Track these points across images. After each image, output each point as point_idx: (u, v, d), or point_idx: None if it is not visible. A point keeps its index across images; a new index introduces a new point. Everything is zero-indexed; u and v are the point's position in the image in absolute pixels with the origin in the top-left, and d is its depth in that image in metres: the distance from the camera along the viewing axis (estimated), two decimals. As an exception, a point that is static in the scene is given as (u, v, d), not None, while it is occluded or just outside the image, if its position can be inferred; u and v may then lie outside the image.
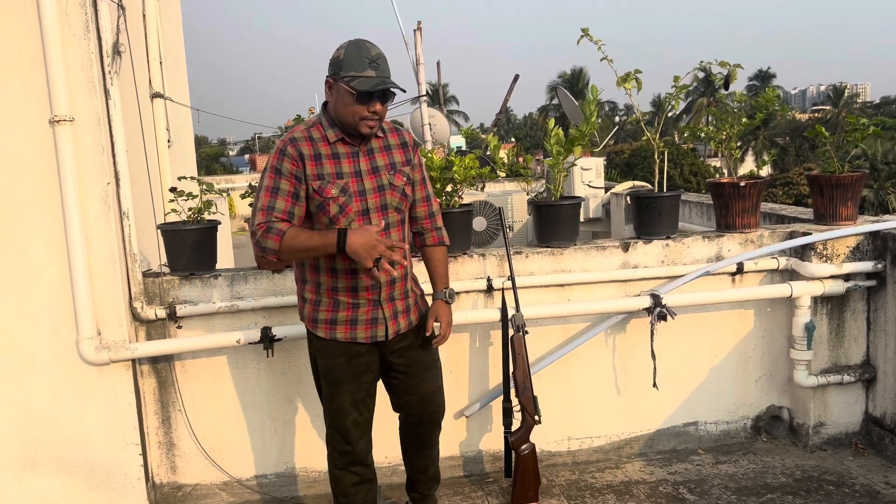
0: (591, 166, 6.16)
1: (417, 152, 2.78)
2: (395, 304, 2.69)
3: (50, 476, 3.21)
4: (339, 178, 2.54)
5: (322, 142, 2.56)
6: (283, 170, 2.52)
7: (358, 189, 2.56)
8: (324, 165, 2.54)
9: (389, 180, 2.62)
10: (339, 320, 2.64)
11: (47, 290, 3.10)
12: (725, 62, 3.81)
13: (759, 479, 3.43)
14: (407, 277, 2.73)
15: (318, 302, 2.67)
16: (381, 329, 2.67)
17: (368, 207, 2.57)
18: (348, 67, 2.46)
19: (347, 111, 2.50)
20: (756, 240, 3.74)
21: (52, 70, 2.95)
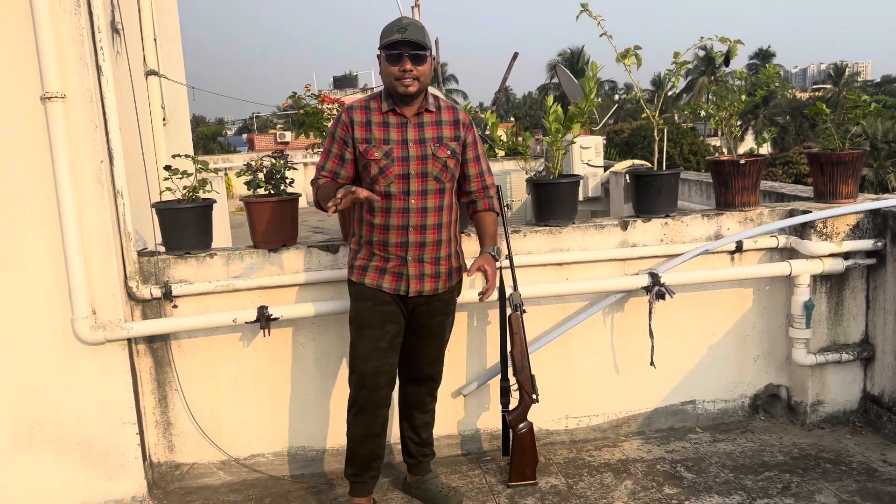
0: (591, 145, 6.11)
1: (472, 131, 2.99)
2: (423, 266, 2.89)
3: (47, 456, 3.21)
4: (386, 143, 2.82)
5: (377, 111, 2.86)
6: (335, 134, 2.89)
7: (402, 155, 2.82)
8: (373, 131, 2.84)
9: (434, 151, 2.85)
10: (370, 268, 2.90)
11: (41, 270, 3.08)
12: (726, 38, 3.76)
13: (756, 458, 3.44)
14: (441, 245, 2.92)
15: (357, 251, 2.94)
16: (404, 284, 2.88)
17: (409, 173, 2.82)
18: (382, 37, 2.77)
19: (385, 75, 2.79)
20: (755, 218, 3.71)
21: (42, 46, 2.90)
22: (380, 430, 3.00)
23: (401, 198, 2.82)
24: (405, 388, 3.17)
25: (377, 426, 2.99)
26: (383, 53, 2.77)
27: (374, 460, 3.04)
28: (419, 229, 2.85)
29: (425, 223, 2.85)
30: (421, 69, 2.76)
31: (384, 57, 2.77)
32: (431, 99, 2.91)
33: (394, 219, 2.83)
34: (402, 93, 2.78)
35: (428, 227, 2.86)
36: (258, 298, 3.36)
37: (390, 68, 2.75)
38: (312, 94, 3.70)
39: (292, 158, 3.62)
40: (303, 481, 3.45)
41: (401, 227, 2.84)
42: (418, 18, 9.35)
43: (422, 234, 2.86)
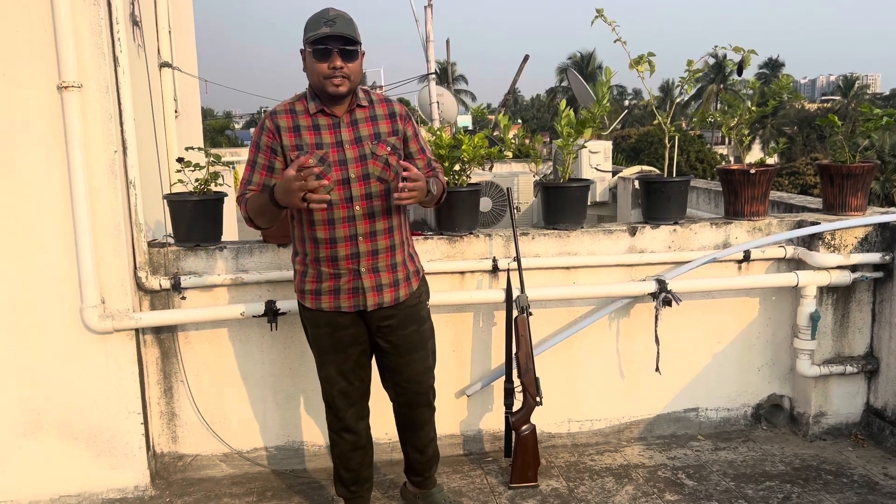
0: (600, 149, 6.11)
1: (410, 123, 2.76)
2: (378, 275, 2.67)
3: (53, 442, 3.23)
4: (319, 148, 2.57)
5: (304, 114, 2.60)
6: (260, 144, 2.62)
7: (338, 159, 2.58)
8: (303, 136, 2.58)
9: (372, 150, 2.61)
10: (324, 290, 2.67)
11: (52, 258, 3.10)
12: (739, 47, 3.77)
13: (758, 467, 3.44)
14: (395, 250, 2.70)
15: (304, 273, 2.71)
16: (362, 299, 2.66)
17: (350, 177, 2.58)
18: (307, 30, 2.52)
19: (311, 73, 2.54)
20: (764, 228, 3.72)
21: (61, 35, 2.93)
22: (365, 443, 2.90)
23: (343, 205, 2.57)
24: (401, 413, 2.95)
25: (363, 440, 2.88)
26: (309, 49, 2.51)
27: (363, 470, 2.93)
28: (369, 236, 2.61)
29: (375, 229, 2.61)
30: (351, 66, 2.52)
31: (310, 53, 2.51)
32: (362, 94, 2.66)
33: (339, 230, 2.58)
34: (332, 93, 2.52)
35: (378, 233, 2.62)
36: (266, 293, 3.38)
37: (318, 65, 2.50)
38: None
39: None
40: (304, 476, 3.47)
41: (349, 238, 2.59)
42: (431, 18, 9.36)
43: (372, 241, 2.62)
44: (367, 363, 2.84)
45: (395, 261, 2.71)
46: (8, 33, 2.94)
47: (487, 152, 3.60)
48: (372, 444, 2.96)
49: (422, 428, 2.96)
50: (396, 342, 2.76)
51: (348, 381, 2.78)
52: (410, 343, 2.78)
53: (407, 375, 2.82)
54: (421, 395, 2.88)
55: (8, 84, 2.97)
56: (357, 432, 2.86)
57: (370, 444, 2.94)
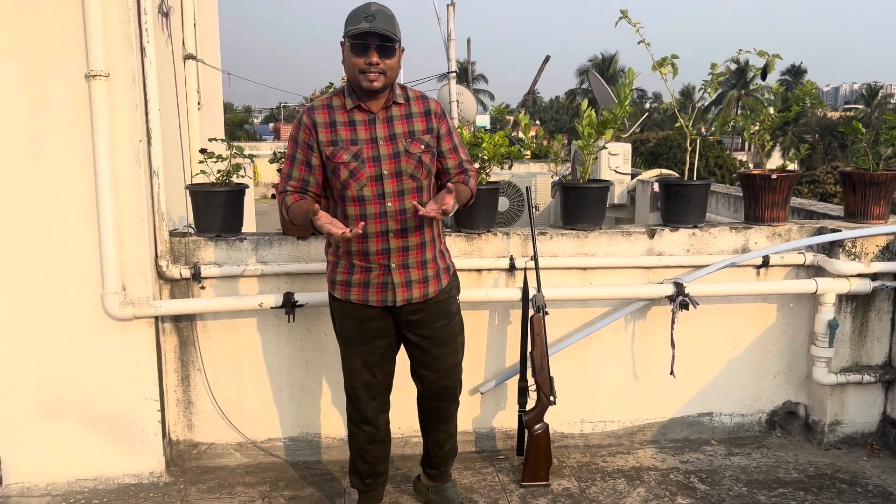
0: (619, 152, 6.11)
1: (445, 121, 2.77)
2: (408, 272, 2.69)
3: (71, 426, 3.27)
4: (354, 144, 2.60)
5: (340, 109, 2.63)
6: (298, 139, 2.65)
7: (372, 155, 2.59)
8: (338, 132, 2.61)
9: (406, 147, 2.62)
10: (354, 283, 2.70)
11: (75, 244, 3.14)
12: (764, 51, 3.75)
13: (771, 473, 3.43)
14: (425, 247, 2.71)
15: (336, 264, 2.74)
16: (390, 294, 2.68)
17: (382, 173, 2.59)
18: (347, 24, 2.53)
19: (349, 67, 2.56)
20: (784, 234, 3.70)
21: (90, 24, 2.96)
22: (384, 436, 2.92)
23: (376, 201, 2.59)
24: (427, 405, 2.96)
25: (381, 433, 2.91)
26: (348, 42, 2.52)
27: (379, 464, 2.95)
28: (400, 233, 2.63)
29: (406, 226, 2.63)
30: (389, 63, 2.53)
31: (348, 46, 2.52)
32: (399, 90, 2.68)
33: (371, 225, 2.60)
34: (367, 88, 2.54)
35: (409, 230, 2.64)
36: (284, 284, 3.40)
37: (355, 60, 2.51)
38: (345, 85, 3.72)
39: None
40: (317, 468, 3.49)
41: (380, 234, 2.61)
42: (453, 17, 9.38)
43: (403, 238, 2.64)
44: (392, 357, 2.85)
45: (426, 258, 2.72)
46: (39, 21, 2.98)
47: (507, 151, 3.60)
48: (390, 438, 2.97)
49: (444, 422, 2.97)
50: (426, 336, 2.78)
51: (372, 374, 2.80)
52: (440, 337, 2.80)
53: (436, 369, 2.83)
54: (449, 389, 2.89)
55: (38, 72, 3.01)
56: (377, 425, 2.87)
57: (388, 437, 2.96)
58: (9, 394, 3.20)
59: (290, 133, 2.70)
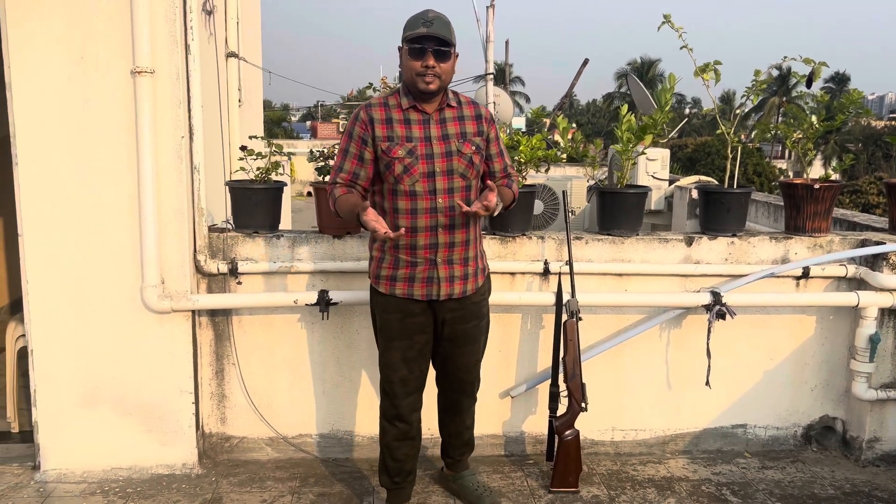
0: (658, 157, 6.03)
1: (493, 127, 2.90)
2: (452, 267, 2.80)
3: (107, 415, 3.33)
4: (409, 141, 2.71)
5: (396, 108, 2.75)
6: (353, 133, 2.75)
7: (426, 153, 2.71)
8: (394, 128, 2.72)
9: (458, 147, 2.75)
10: (399, 277, 2.79)
11: (117, 237, 3.20)
12: (810, 59, 3.68)
13: (806, 489, 3.36)
14: (469, 245, 2.82)
15: (382, 259, 2.82)
16: (435, 288, 2.79)
17: (434, 170, 2.71)
18: (406, 29, 2.66)
19: (406, 69, 2.68)
20: (825, 245, 3.63)
21: (137, 21, 3.02)
22: (415, 434, 2.99)
23: (427, 197, 2.70)
24: (444, 396, 3.10)
25: (413, 430, 2.97)
26: (406, 47, 2.65)
27: (408, 462, 3.00)
28: (448, 229, 2.74)
29: (454, 222, 2.74)
30: (444, 66, 2.66)
31: (406, 50, 2.65)
32: (451, 95, 2.82)
33: (421, 220, 2.71)
34: (423, 90, 2.66)
35: (457, 227, 2.76)
36: (319, 282, 3.43)
37: (412, 63, 2.64)
38: (389, 86, 3.74)
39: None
40: (347, 465, 3.51)
41: (429, 228, 2.72)
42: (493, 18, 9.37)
43: (451, 233, 2.75)
44: (429, 354, 2.94)
45: (469, 255, 2.83)
46: (87, 18, 3.05)
47: (544, 154, 3.59)
48: (420, 436, 3.04)
49: (460, 414, 3.11)
50: (457, 333, 2.90)
51: (409, 370, 2.87)
52: (468, 336, 2.93)
53: (457, 364, 2.97)
54: (466, 383, 3.04)
55: (85, 67, 3.07)
56: (410, 422, 2.95)
57: (419, 436, 3.03)
58: (49, 381, 3.28)
59: (346, 128, 2.81)
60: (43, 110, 3.08)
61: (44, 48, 3.04)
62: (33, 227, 3.16)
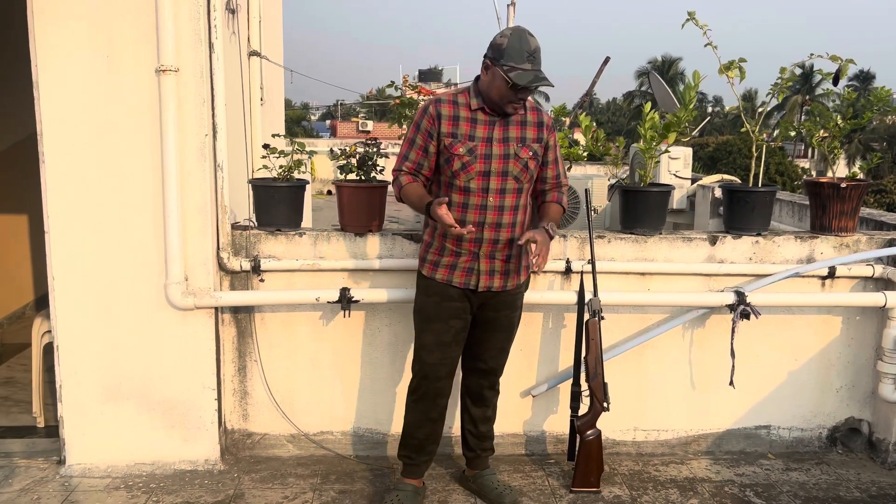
0: (680, 155, 5.96)
1: (553, 134, 2.99)
2: (493, 262, 2.92)
3: (131, 410, 3.36)
4: (471, 139, 2.82)
5: (465, 106, 2.85)
6: (421, 126, 2.87)
7: (485, 153, 2.82)
8: (460, 126, 2.83)
9: (516, 151, 2.85)
10: (442, 263, 2.93)
11: (141, 234, 3.22)
12: (836, 56, 3.63)
13: (831, 491, 3.32)
14: (513, 244, 2.92)
15: (430, 244, 2.97)
16: (474, 279, 2.91)
17: (490, 170, 2.83)
18: (508, 58, 2.69)
19: (499, 94, 2.76)
20: (852, 244, 3.58)
21: (161, 20, 3.04)
22: (437, 417, 3.08)
23: (479, 194, 2.84)
24: (467, 380, 3.19)
25: (435, 413, 3.07)
26: (502, 73, 2.69)
27: (428, 444, 3.11)
28: (494, 227, 2.86)
29: (500, 221, 2.86)
30: (528, 95, 2.81)
31: (503, 77, 2.69)
32: None
33: (470, 215, 2.84)
34: (508, 113, 2.81)
35: (503, 226, 2.87)
36: (341, 280, 3.43)
37: (506, 91, 2.72)
38: (410, 84, 3.74)
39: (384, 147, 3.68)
40: (367, 463, 3.52)
41: (476, 223, 2.85)
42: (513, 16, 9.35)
43: (496, 231, 2.87)
44: (462, 341, 3.03)
45: (511, 253, 2.93)
46: (113, 17, 3.07)
47: (566, 152, 3.57)
48: (444, 420, 3.13)
49: (482, 403, 3.18)
50: (488, 319, 3.01)
51: (443, 353, 2.97)
52: (499, 323, 3.04)
53: (485, 347, 3.08)
54: (490, 370, 3.12)
55: (111, 66, 3.10)
56: (436, 405, 3.05)
57: (442, 419, 3.12)
58: (73, 377, 3.31)
59: (413, 119, 2.93)
60: (69, 108, 3.11)
61: (70, 47, 3.07)
62: (59, 224, 3.20)
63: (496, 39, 2.75)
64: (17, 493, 3.16)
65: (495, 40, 2.76)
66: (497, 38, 2.75)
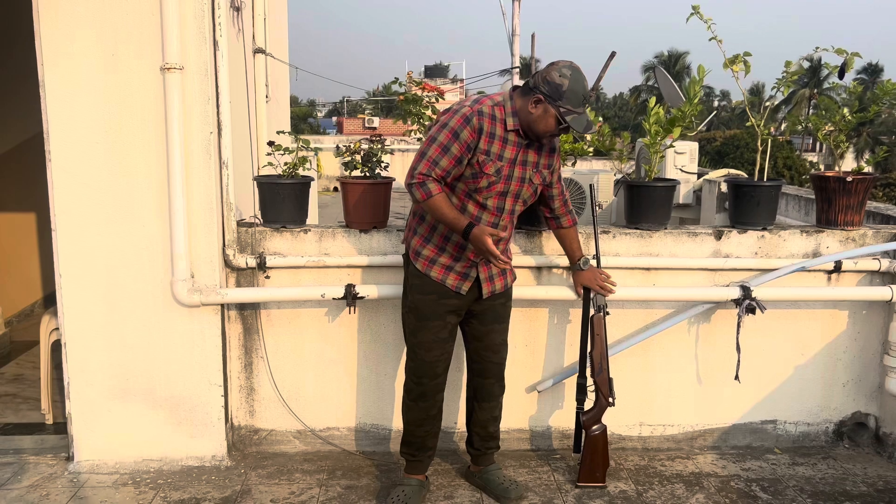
0: (686, 150, 5.97)
1: (558, 158, 3.07)
2: (490, 267, 2.97)
3: (138, 407, 3.38)
4: (500, 160, 2.82)
5: (500, 123, 2.81)
6: (461, 135, 2.75)
7: (508, 174, 2.85)
8: (493, 144, 2.80)
9: (531, 176, 2.92)
10: (439, 263, 2.93)
11: (147, 231, 3.24)
12: (842, 49, 3.61)
13: (837, 486, 3.32)
14: (507, 250, 3.02)
15: (427, 239, 2.94)
16: (466, 285, 2.94)
17: (508, 191, 2.88)
18: (567, 100, 2.72)
19: (546, 129, 2.79)
20: (858, 238, 3.57)
21: (166, 18, 3.05)
22: (437, 413, 3.11)
23: (494, 213, 2.89)
24: (474, 382, 3.19)
25: (434, 409, 3.09)
26: (554, 110, 2.72)
27: (429, 440, 3.14)
28: (497, 241, 2.87)
29: (503, 237, 2.89)
30: None
31: (554, 112, 2.72)
32: None
33: None
34: (542, 140, 2.86)
35: (503, 240, 2.94)
36: (346, 276, 3.44)
37: (550, 123, 2.75)
38: (414, 80, 3.74)
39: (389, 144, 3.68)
40: (373, 458, 3.53)
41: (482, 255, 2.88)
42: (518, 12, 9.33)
43: (497, 244, 2.87)
44: (455, 338, 3.06)
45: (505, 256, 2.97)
46: (118, 16, 3.08)
47: (571, 148, 3.57)
48: (441, 415, 3.14)
49: (489, 400, 3.18)
50: (484, 309, 3.03)
51: (441, 351, 2.99)
52: (495, 313, 3.06)
53: (486, 344, 3.09)
54: (495, 364, 3.13)
55: (116, 64, 3.11)
56: (434, 402, 3.07)
57: (440, 415, 3.14)
58: (81, 374, 3.33)
59: (449, 122, 2.77)
60: (75, 107, 3.13)
61: (76, 46, 3.09)
62: (66, 222, 3.21)
63: (554, 77, 2.72)
64: (27, 489, 3.18)
65: (553, 77, 2.72)
66: (555, 76, 2.72)
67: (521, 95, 2.80)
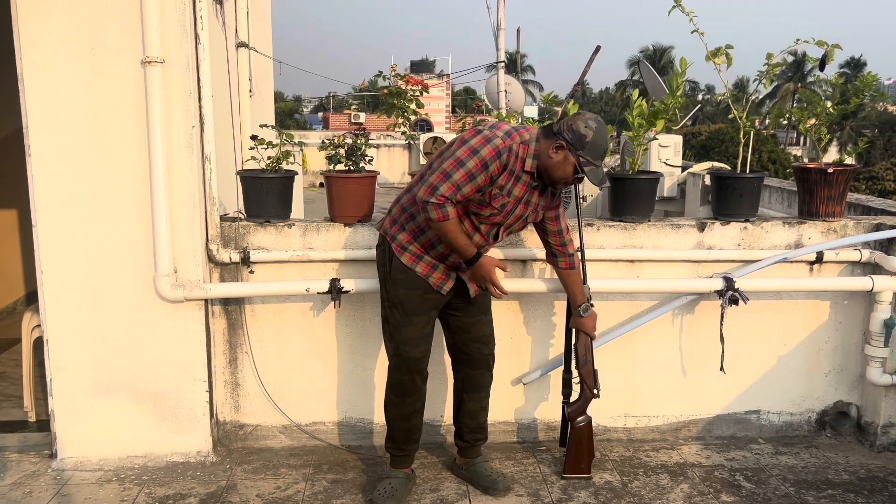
0: (670, 143, 5.99)
1: (559, 200, 3.09)
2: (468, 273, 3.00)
3: (122, 403, 3.36)
4: (508, 195, 2.86)
5: (520, 162, 2.84)
6: (489, 168, 2.77)
7: (510, 209, 2.91)
8: (508, 180, 2.84)
9: (527, 215, 2.98)
10: (424, 260, 2.95)
11: (129, 226, 3.22)
12: (823, 41, 3.63)
13: (820, 474, 3.35)
14: None
15: (416, 236, 2.94)
16: (448, 285, 2.97)
17: (503, 223, 2.95)
18: (588, 152, 2.79)
19: (562, 176, 2.84)
20: (839, 229, 3.60)
21: (146, 12, 3.02)
22: (422, 405, 3.13)
23: (484, 236, 2.95)
24: (463, 372, 3.20)
25: (420, 403, 3.11)
26: (575, 159, 2.78)
27: (415, 433, 3.15)
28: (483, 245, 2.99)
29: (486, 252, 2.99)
30: None
31: (574, 161, 2.78)
32: None
33: None
34: (554, 186, 2.90)
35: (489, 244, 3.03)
36: (331, 271, 3.44)
37: (568, 171, 2.80)
38: (398, 74, 3.74)
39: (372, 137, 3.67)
40: (359, 452, 3.53)
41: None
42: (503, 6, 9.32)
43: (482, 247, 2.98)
44: (433, 331, 3.08)
45: None
46: (98, 9, 3.06)
47: (556, 141, 3.57)
48: (424, 406, 3.14)
49: (478, 391, 3.20)
50: (467, 301, 3.05)
51: (425, 345, 3.02)
52: (479, 303, 3.09)
53: (474, 335, 3.12)
54: (484, 355, 3.16)
55: (96, 58, 3.09)
56: (418, 395, 3.08)
57: (424, 406, 3.15)
58: (64, 371, 3.31)
59: (480, 151, 2.75)
60: (55, 102, 3.10)
61: (55, 39, 3.06)
62: (47, 218, 3.19)
63: (579, 127, 2.78)
64: (10, 486, 3.16)
65: (578, 127, 2.78)
66: (580, 126, 2.78)
67: (544, 137, 2.84)
